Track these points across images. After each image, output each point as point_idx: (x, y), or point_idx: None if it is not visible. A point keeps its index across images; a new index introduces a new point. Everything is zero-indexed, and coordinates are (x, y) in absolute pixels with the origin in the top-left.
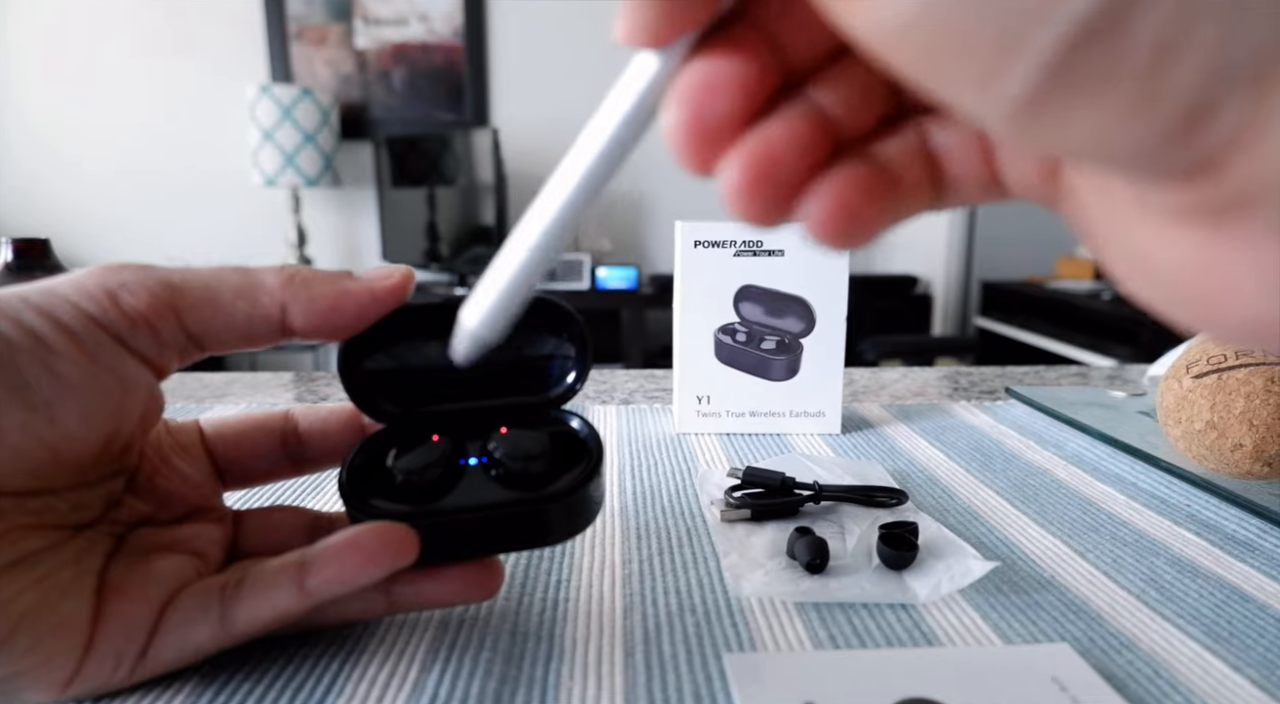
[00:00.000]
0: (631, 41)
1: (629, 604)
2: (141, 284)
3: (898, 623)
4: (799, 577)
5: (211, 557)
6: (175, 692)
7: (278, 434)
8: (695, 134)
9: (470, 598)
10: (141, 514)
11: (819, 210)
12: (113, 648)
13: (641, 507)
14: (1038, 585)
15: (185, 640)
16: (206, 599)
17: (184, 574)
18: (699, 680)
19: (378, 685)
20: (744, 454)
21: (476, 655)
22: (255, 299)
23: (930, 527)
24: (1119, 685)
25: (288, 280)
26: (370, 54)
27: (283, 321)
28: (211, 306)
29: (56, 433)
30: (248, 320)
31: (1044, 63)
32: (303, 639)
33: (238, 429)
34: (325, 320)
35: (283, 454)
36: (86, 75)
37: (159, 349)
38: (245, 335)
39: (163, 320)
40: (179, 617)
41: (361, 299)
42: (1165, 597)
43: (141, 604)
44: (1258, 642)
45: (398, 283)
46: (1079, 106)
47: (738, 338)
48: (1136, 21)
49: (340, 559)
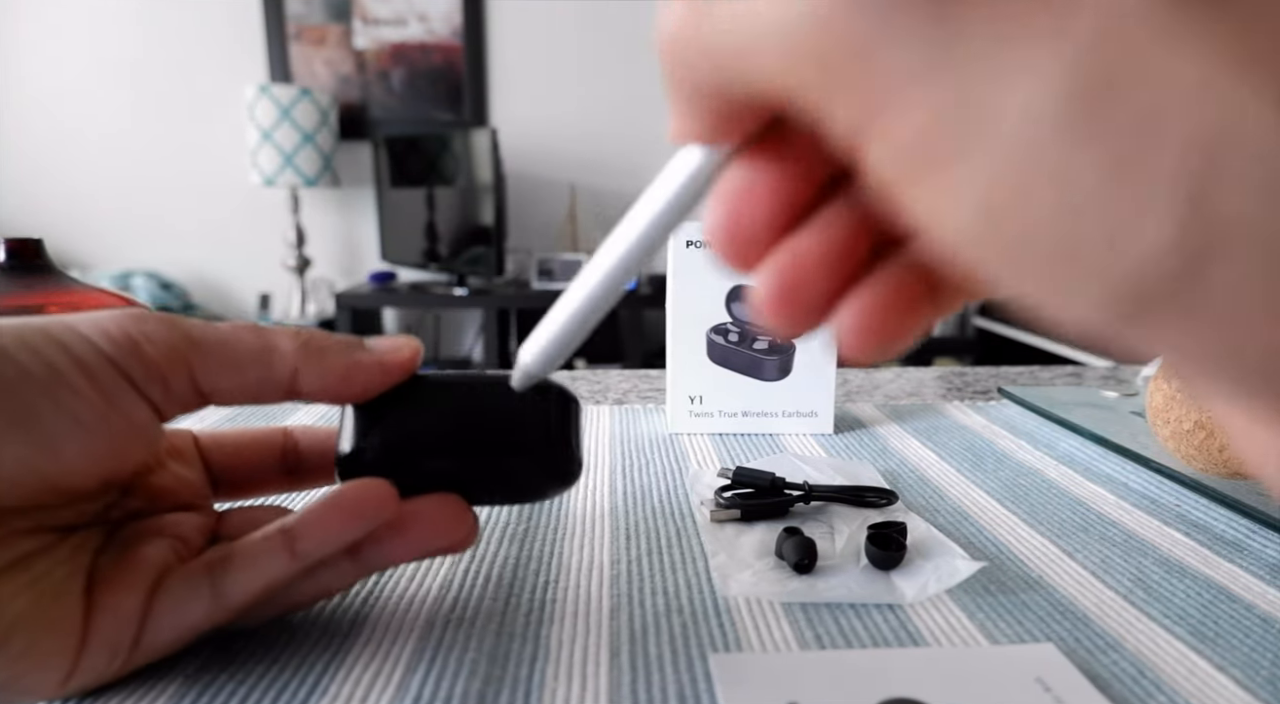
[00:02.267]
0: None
1: (616, 605)
2: (163, 336)
3: (884, 623)
4: (787, 577)
5: (193, 542)
6: (159, 692)
7: (277, 449)
8: (732, 238)
9: (440, 546)
10: (132, 510)
11: (848, 326)
12: (106, 641)
13: (632, 507)
14: (1025, 585)
15: (179, 622)
16: (194, 579)
17: (167, 558)
18: (684, 681)
19: (362, 685)
20: (736, 454)
21: (462, 656)
22: (269, 364)
23: (919, 527)
24: (1103, 686)
25: (303, 347)
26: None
27: (292, 386)
28: (227, 367)
29: (58, 468)
30: (259, 384)
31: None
32: (288, 639)
33: (236, 440)
34: (334, 389)
35: (280, 468)
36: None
37: (167, 400)
38: (253, 395)
39: (175, 374)
40: (169, 600)
41: (371, 371)
42: (1152, 596)
43: (130, 594)
44: (1243, 641)
45: (408, 357)
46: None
47: (730, 338)
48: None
49: (326, 517)
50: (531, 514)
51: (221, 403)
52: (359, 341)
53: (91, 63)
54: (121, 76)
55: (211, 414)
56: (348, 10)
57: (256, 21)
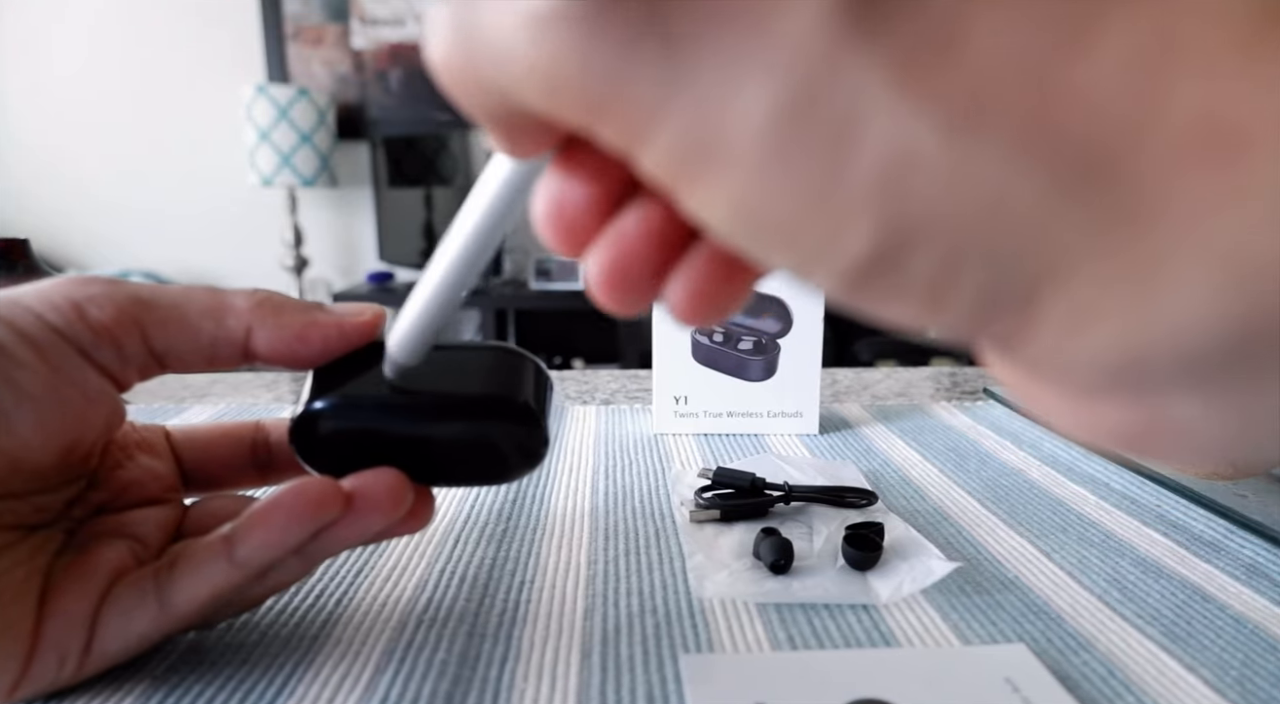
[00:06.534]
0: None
1: (591, 605)
2: (109, 298)
3: (857, 624)
4: (762, 577)
5: (152, 541)
6: (126, 693)
7: (248, 443)
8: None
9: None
10: (98, 504)
11: (676, 299)
12: (55, 647)
13: (612, 507)
14: (1001, 586)
15: (127, 630)
16: (141, 586)
17: (122, 562)
18: (653, 682)
19: (329, 687)
20: (721, 455)
21: (431, 657)
22: (222, 320)
23: (897, 527)
24: (1072, 686)
25: (257, 305)
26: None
27: (246, 345)
28: (178, 325)
29: (13, 442)
30: (212, 341)
31: (839, 282)
32: (257, 639)
33: (207, 435)
34: (289, 348)
35: (251, 463)
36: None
37: (121, 364)
38: (208, 356)
39: (128, 335)
40: (116, 608)
41: (328, 332)
42: (1127, 597)
43: (81, 600)
44: (1214, 642)
45: (368, 321)
46: (881, 306)
47: (715, 338)
48: (909, 265)
49: (265, 523)
50: (511, 514)
51: (177, 367)
52: (318, 304)
53: (88, 62)
54: (119, 76)
55: (200, 408)
56: (346, 10)
57: (254, 21)
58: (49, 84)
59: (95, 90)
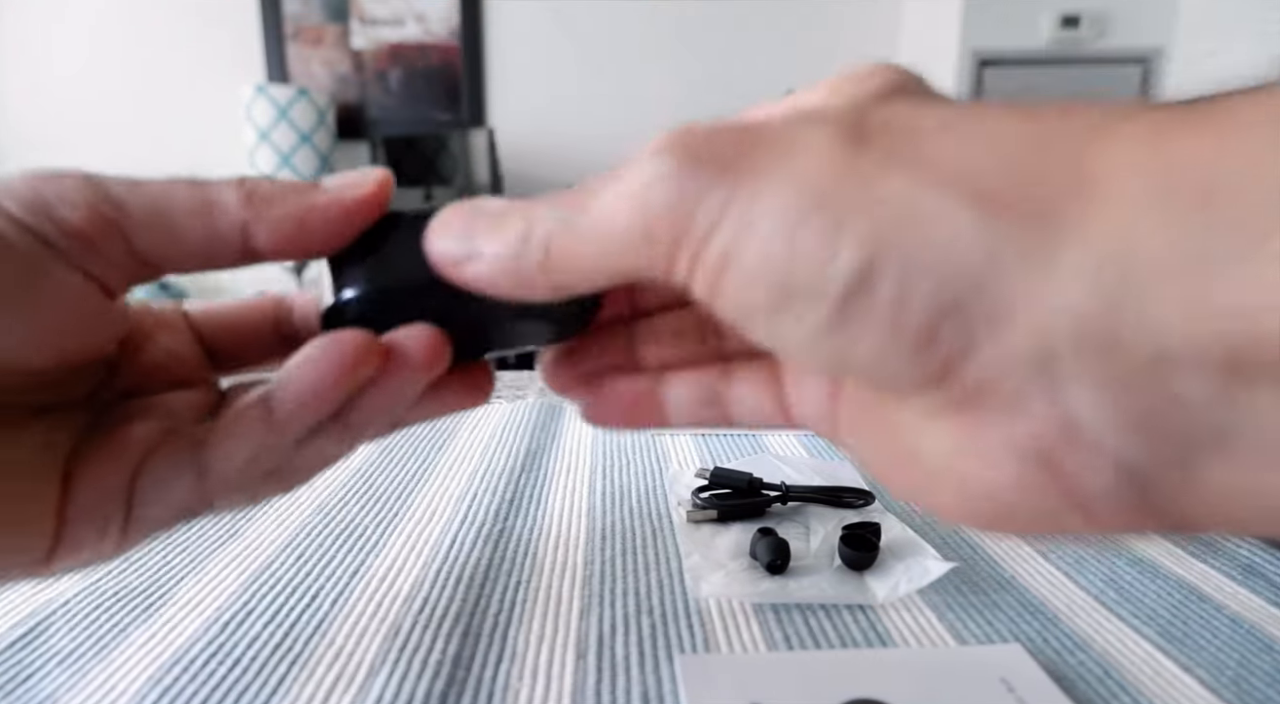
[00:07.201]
0: None
1: (587, 605)
2: (82, 197)
3: (854, 624)
4: (759, 577)
5: (186, 419)
6: (120, 692)
7: (270, 318)
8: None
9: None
10: (123, 390)
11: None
12: (90, 517)
13: (610, 507)
14: (997, 586)
15: (166, 499)
16: (177, 455)
17: (155, 437)
18: (649, 683)
19: (323, 688)
20: (718, 455)
21: (426, 658)
22: (211, 220)
23: (894, 527)
24: (1068, 686)
25: (248, 197)
26: (367, 54)
27: (244, 244)
28: (164, 229)
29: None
30: (206, 243)
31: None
32: (250, 640)
33: (227, 312)
34: (293, 240)
35: (276, 338)
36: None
37: (105, 269)
38: (204, 259)
39: (108, 240)
40: (153, 477)
41: (332, 214)
42: (1123, 597)
43: (112, 472)
44: (1210, 642)
45: (372, 191)
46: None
47: None
48: (877, 285)
49: (300, 378)
50: (508, 514)
51: (172, 270)
52: (312, 183)
53: (88, 62)
54: (119, 76)
55: None
56: (345, 10)
57: (254, 21)
58: (49, 84)
59: (95, 90)
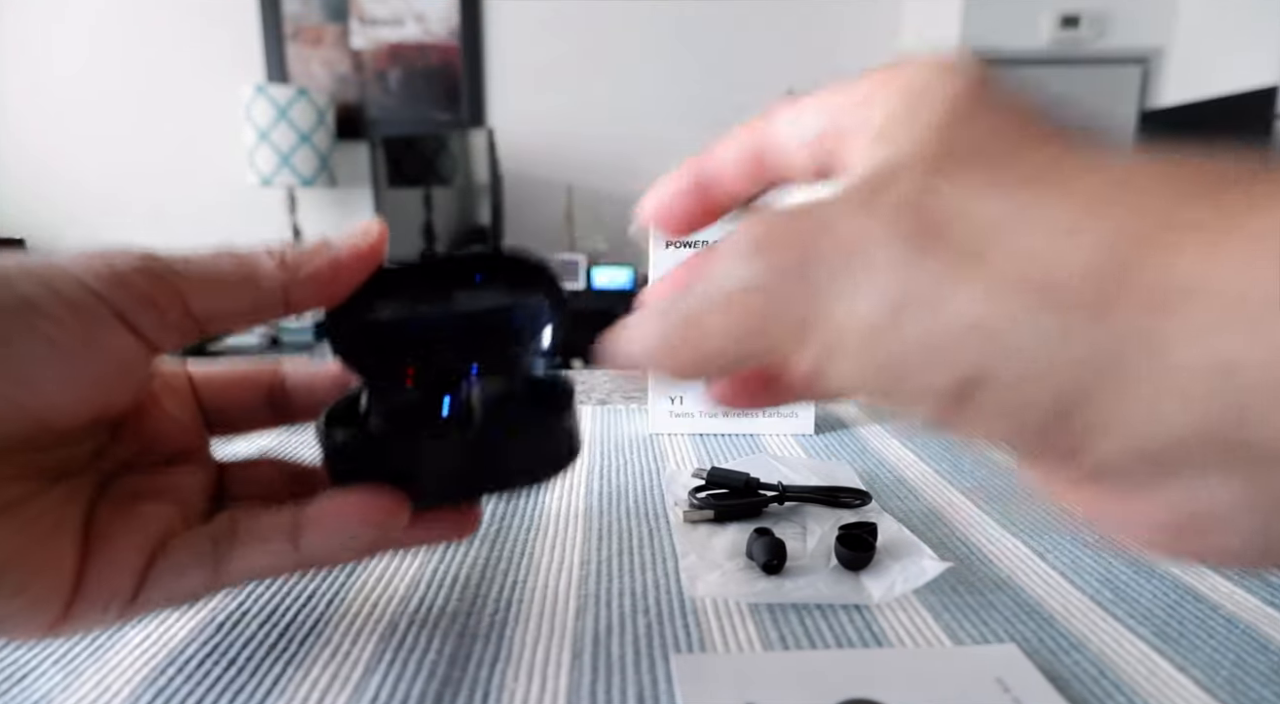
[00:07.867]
0: None
1: (583, 605)
2: (147, 266)
3: (850, 624)
4: (755, 577)
5: (195, 505)
6: (114, 695)
7: (265, 386)
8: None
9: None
10: (126, 457)
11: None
12: (103, 591)
13: (606, 507)
14: (994, 586)
15: (177, 586)
16: (198, 548)
17: (170, 522)
18: (644, 682)
19: (319, 688)
20: (716, 455)
21: (422, 658)
22: (258, 285)
23: (891, 527)
24: (1063, 686)
25: (281, 266)
26: (366, 54)
27: (286, 302)
28: (217, 291)
29: (39, 401)
30: (253, 305)
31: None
32: (245, 640)
33: (226, 378)
34: (323, 294)
35: (268, 405)
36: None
37: (160, 329)
38: (251, 318)
39: (170, 303)
40: (170, 564)
41: (350, 265)
42: (1119, 597)
43: (129, 550)
44: (1205, 642)
45: (377, 241)
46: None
47: None
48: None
49: (336, 520)
50: (505, 514)
51: (217, 330)
52: (325, 241)
53: (88, 62)
54: (119, 76)
55: None
56: (345, 10)
57: (253, 21)
58: (49, 84)
59: (95, 90)
